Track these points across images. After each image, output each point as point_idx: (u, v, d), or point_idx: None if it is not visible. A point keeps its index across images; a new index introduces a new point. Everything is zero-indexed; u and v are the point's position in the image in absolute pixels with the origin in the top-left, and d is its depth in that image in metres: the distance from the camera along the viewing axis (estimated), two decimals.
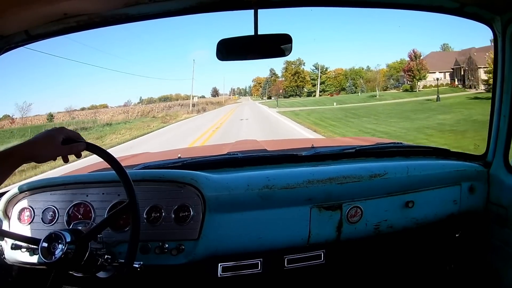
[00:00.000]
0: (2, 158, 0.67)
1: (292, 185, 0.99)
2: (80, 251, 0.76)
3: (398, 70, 38.83)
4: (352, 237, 1.03)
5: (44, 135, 0.73)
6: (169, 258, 0.92)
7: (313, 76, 50.38)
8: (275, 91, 53.12)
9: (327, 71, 50.43)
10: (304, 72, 51.25)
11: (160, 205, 0.95)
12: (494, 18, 1.04)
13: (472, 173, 1.13)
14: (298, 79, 50.71)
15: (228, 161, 1.14)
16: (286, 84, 51.30)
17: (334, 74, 47.91)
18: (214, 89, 60.97)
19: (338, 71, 48.13)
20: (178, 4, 1.00)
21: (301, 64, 52.45)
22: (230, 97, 62.66)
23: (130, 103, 40.26)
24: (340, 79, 46.53)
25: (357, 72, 45.84)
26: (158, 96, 49.53)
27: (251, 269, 0.98)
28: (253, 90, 62.36)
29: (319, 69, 49.51)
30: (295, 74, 51.01)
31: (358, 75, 44.88)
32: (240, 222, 0.97)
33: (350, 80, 44.84)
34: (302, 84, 49.97)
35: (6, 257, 0.95)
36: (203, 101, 40.55)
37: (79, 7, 0.94)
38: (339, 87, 46.62)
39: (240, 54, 1.06)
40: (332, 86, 47.30)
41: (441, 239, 1.16)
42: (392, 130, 10.29)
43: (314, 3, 1.10)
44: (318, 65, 50.39)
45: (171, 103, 37.44)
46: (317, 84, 48.05)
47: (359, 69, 46.35)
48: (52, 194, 0.99)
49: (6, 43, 0.98)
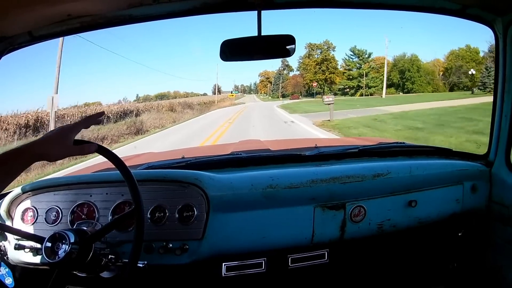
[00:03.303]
0: (13, 156, 0.67)
1: (295, 184, 0.99)
2: (84, 251, 0.76)
3: (468, 60, 29.00)
4: (356, 237, 1.03)
5: (57, 133, 0.72)
6: (173, 258, 0.92)
7: (350, 64, 34.40)
8: (292, 87, 38.02)
9: (369, 58, 34.16)
10: (335, 60, 35.66)
11: (164, 205, 0.95)
12: (496, 19, 1.06)
13: (474, 173, 1.13)
14: (327, 69, 35.38)
15: (232, 161, 1.15)
16: (309, 76, 35.90)
17: (376, 64, 33.66)
18: (216, 86, 50.18)
19: (380, 60, 33.14)
20: (182, 5, 1.01)
21: (330, 48, 35.95)
22: (239, 94, 47.87)
23: (126, 100, 36.28)
24: (388, 70, 31.79)
25: (413, 61, 31.47)
26: (154, 93, 42.83)
27: (255, 268, 0.98)
28: (260, 87, 47.99)
29: (367, 54, 33.09)
30: (322, 62, 35.55)
31: (415, 65, 31.01)
32: (244, 221, 0.97)
33: (405, 72, 31.03)
34: (333, 77, 35.14)
35: (10, 258, 0.95)
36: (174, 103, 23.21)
37: (83, 8, 0.94)
38: (389, 82, 32.00)
39: (244, 55, 1.07)
40: (377, 80, 32.97)
41: (444, 238, 1.17)
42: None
43: (317, 5, 1.10)
44: (358, 49, 34.10)
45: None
46: (363, 77, 32.15)
47: (414, 57, 31.50)
48: (56, 194, 0.98)
49: (10, 43, 0.98)
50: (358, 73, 34.24)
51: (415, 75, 31.10)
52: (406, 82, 31.71)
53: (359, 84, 34.03)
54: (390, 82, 32.26)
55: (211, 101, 30.88)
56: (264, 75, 46.72)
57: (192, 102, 26.45)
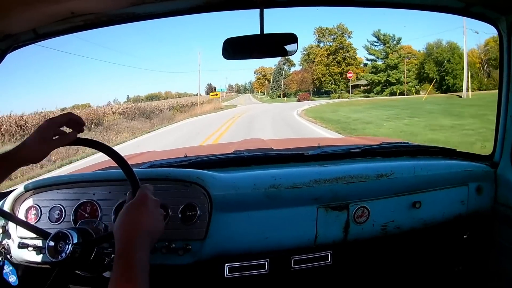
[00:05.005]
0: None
1: (298, 184, 0.98)
2: (87, 251, 0.76)
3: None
4: (359, 238, 1.02)
5: (35, 133, 0.69)
6: (175, 258, 0.91)
7: (375, 53, 25.36)
8: (296, 84, 29.56)
9: (398, 45, 25.86)
10: (353, 49, 27.25)
11: (166, 204, 0.94)
12: (500, 18, 1.05)
13: (479, 174, 1.12)
14: (343, 60, 26.99)
15: (234, 160, 1.14)
16: (321, 70, 27.60)
17: (406, 53, 25.70)
18: (209, 86, 45.12)
19: (408, 49, 25.74)
20: (184, 3, 1.01)
21: (345, 33, 27.25)
22: (233, 94, 39.97)
23: (117, 101, 32.73)
24: (420, 61, 24.54)
25: (454, 49, 24.38)
26: (145, 94, 40.90)
27: (258, 269, 0.97)
28: (256, 85, 41.11)
29: (394, 40, 24.54)
30: (336, 51, 26.89)
31: (456, 55, 23.87)
32: (246, 221, 0.96)
33: (444, 64, 23.42)
34: (350, 69, 26.68)
35: (13, 256, 0.95)
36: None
37: (86, 6, 0.95)
38: (423, 75, 24.19)
39: (246, 53, 1.07)
40: (410, 74, 24.94)
41: (449, 240, 1.15)
42: None
43: (320, 3, 1.10)
44: (383, 34, 25.20)
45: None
46: (392, 70, 23.58)
47: (454, 45, 24.33)
48: (59, 193, 0.98)
49: (14, 41, 0.98)
50: (385, 65, 26.03)
51: (457, 67, 23.86)
52: (446, 76, 24.82)
53: (388, 79, 25.71)
54: (424, 76, 24.66)
55: (193, 103, 24.23)
56: (261, 72, 39.59)
57: (162, 107, 20.38)
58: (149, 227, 0.63)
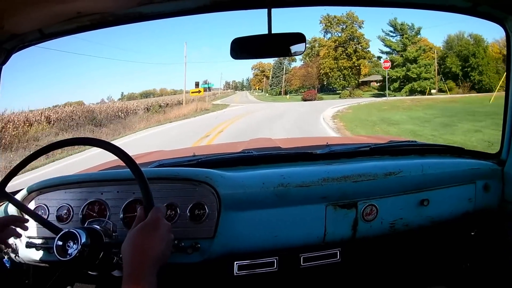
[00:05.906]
0: None
1: (307, 183, 0.98)
2: (95, 252, 0.76)
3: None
4: (368, 236, 1.02)
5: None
6: (185, 256, 0.91)
7: (392, 45, 21.61)
8: (299, 79, 26.37)
9: (417, 36, 22.03)
10: (365, 40, 23.46)
11: (175, 203, 0.94)
12: (507, 18, 1.05)
13: (486, 171, 1.12)
14: (354, 53, 23.33)
15: (243, 159, 1.14)
16: (329, 63, 23.70)
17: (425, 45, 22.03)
18: (205, 83, 38.66)
19: (424, 42, 22.17)
20: (192, 2, 1.00)
21: (355, 22, 23.35)
22: (229, 91, 38.07)
23: (110, 98, 31.87)
24: (441, 55, 21.23)
25: (479, 43, 21.13)
26: (139, 91, 39.57)
27: (267, 267, 0.97)
28: (253, 82, 38.44)
29: (413, 30, 20.87)
30: (346, 42, 23.36)
31: (481, 49, 20.98)
32: (255, 220, 0.96)
33: (470, 58, 20.43)
34: (361, 63, 23.39)
35: (20, 256, 0.94)
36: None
37: (93, 6, 0.94)
38: (445, 70, 20.88)
39: (254, 53, 1.06)
40: (431, 69, 21.22)
41: (457, 238, 1.16)
42: None
43: (328, 3, 1.10)
44: (400, 23, 21.27)
45: None
46: (412, 64, 20.26)
47: (479, 37, 21.09)
48: (67, 192, 0.98)
49: (20, 41, 0.98)
50: (403, 58, 22.24)
51: (483, 62, 20.98)
52: (471, 72, 21.53)
53: (407, 74, 21.88)
54: (446, 70, 21.23)
55: (179, 101, 20.68)
56: (259, 68, 36.67)
57: (135, 108, 16.50)
58: (160, 253, 0.64)
